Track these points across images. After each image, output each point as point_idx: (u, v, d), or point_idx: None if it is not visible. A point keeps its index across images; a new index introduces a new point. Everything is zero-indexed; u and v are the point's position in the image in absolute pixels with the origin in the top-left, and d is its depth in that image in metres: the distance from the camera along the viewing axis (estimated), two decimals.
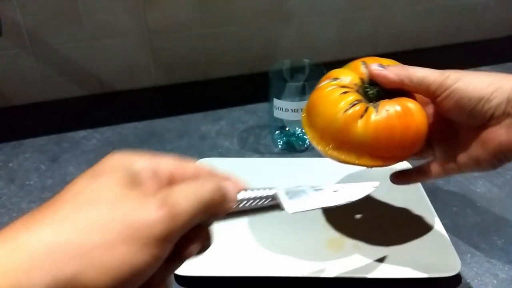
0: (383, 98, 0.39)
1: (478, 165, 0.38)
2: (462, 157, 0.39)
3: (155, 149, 0.67)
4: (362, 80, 0.41)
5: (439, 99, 0.38)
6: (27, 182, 0.61)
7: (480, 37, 1.00)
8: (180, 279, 0.45)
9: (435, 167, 0.41)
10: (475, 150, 0.38)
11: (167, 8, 0.78)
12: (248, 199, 0.28)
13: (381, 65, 0.40)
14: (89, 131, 0.72)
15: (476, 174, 0.37)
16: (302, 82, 0.60)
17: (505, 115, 0.36)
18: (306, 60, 0.64)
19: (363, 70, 0.41)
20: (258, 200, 0.28)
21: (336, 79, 0.41)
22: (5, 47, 0.74)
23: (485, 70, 0.89)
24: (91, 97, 0.82)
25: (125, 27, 0.78)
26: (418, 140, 0.39)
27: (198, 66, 0.85)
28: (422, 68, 0.39)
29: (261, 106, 0.76)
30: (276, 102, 0.61)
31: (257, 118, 0.74)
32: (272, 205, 0.29)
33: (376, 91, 0.39)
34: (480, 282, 0.46)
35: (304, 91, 0.59)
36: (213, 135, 0.69)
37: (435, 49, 0.97)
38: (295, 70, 0.65)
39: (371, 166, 0.39)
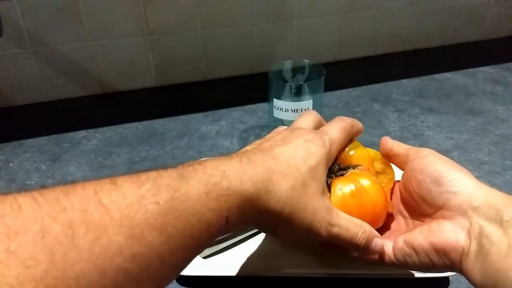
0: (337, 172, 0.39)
1: (412, 255, 0.34)
2: (400, 240, 0.36)
3: (155, 149, 0.67)
4: None
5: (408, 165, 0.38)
6: (28, 182, 0.62)
7: (480, 37, 1.00)
8: (180, 279, 0.45)
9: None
10: (417, 235, 0.34)
11: (167, 8, 0.78)
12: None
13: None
14: (90, 131, 0.72)
15: (476, 174, 0.36)
16: (302, 82, 0.60)
17: (459, 211, 0.33)
18: (306, 60, 0.64)
19: None
20: None
21: None
22: (5, 47, 0.74)
23: (484, 70, 0.90)
24: (91, 97, 0.82)
25: (125, 27, 0.78)
26: (376, 216, 0.38)
27: (198, 66, 0.85)
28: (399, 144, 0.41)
29: (261, 106, 0.76)
30: (276, 102, 0.61)
31: (257, 118, 0.74)
32: None
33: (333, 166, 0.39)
34: None
35: (304, 91, 0.60)
36: (213, 135, 0.70)
37: (435, 49, 0.97)
38: (295, 70, 0.65)
39: None
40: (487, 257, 0.30)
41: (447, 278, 0.45)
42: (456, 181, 0.34)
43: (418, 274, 0.43)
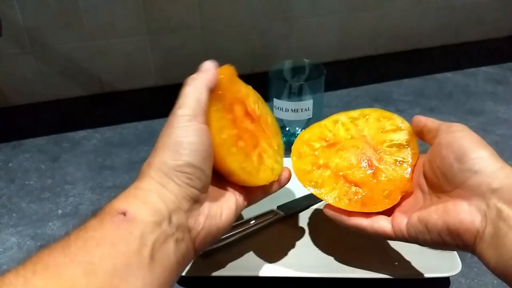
0: None
1: (424, 233, 0.34)
2: (414, 217, 0.35)
3: None
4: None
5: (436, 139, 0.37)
6: (27, 182, 0.61)
7: (481, 37, 1.00)
8: (180, 279, 0.45)
9: (385, 221, 0.38)
10: (432, 214, 0.34)
11: (167, 8, 0.78)
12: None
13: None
14: (89, 131, 0.72)
15: None
16: (302, 82, 0.60)
17: (477, 192, 0.32)
18: (306, 60, 0.64)
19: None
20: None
21: None
22: (5, 47, 0.74)
23: (485, 70, 0.90)
24: (91, 97, 0.82)
25: (125, 27, 0.78)
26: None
27: (198, 66, 0.85)
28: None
29: None
30: (276, 102, 0.61)
31: None
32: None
33: None
34: (480, 282, 0.46)
35: (305, 91, 0.59)
36: None
37: (435, 49, 0.97)
38: (295, 70, 0.65)
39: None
40: (504, 241, 0.29)
41: (447, 278, 0.45)
42: (479, 159, 0.33)
43: (418, 275, 0.43)
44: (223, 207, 0.35)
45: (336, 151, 0.43)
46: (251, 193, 0.39)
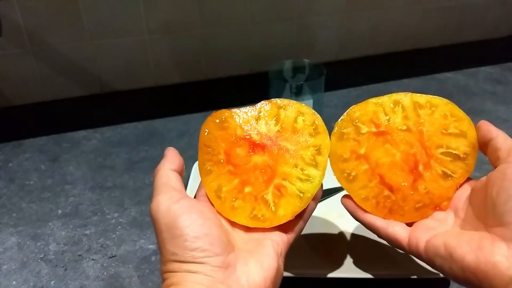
0: None
1: (445, 259, 0.31)
2: (440, 238, 0.33)
3: (155, 149, 0.67)
4: None
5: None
6: (27, 182, 0.61)
7: (480, 37, 1.00)
8: None
9: (402, 229, 0.36)
10: (463, 244, 0.31)
11: (167, 8, 0.78)
12: None
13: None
14: (89, 131, 0.72)
15: (477, 174, 0.36)
16: (302, 82, 0.60)
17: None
18: (306, 60, 0.64)
19: None
20: None
21: None
22: (5, 47, 0.74)
23: (485, 70, 0.90)
24: (91, 97, 0.82)
25: (125, 27, 0.78)
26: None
27: (198, 66, 0.85)
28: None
29: None
30: None
31: None
32: None
33: None
34: None
35: (305, 91, 0.59)
36: None
37: (435, 49, 0.97)
38: (295, 70, 0.65)
39: None
40: None
41: (447, 278, 0.45)
42: None
43: (418, 275, 0.43)
44: (261, 256, 0.32)
45: (382, 143, 0.37)
46: (288, 226, 0.36)
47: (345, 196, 0.38)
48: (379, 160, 0.37)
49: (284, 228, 0.35)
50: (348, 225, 0.50)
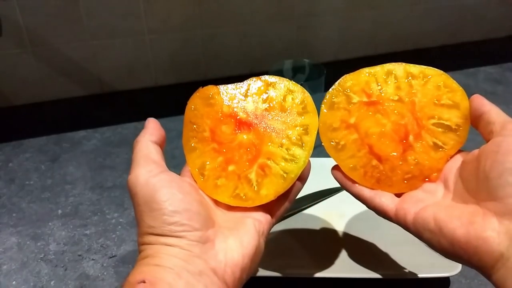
0: None
1: (434, 233, 0.31)
2: (429, 211, 0.32)
3: None
4: None
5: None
6: (27, 182, 0.61)
7: (480, 37, 1.00)
8: None
9: (389, 199, 0.35)
10: (454, 219, 0.30)
11: (167, 8, 0.78)
12: None
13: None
14: (89, 131, 0.72)
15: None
16: (302, 82, 0.60)
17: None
18: (306, 60, 0.64)
19: None
20: None
21: None
22: (5, 47, 0.74)
23: (485, 70, 0.90)
24: (91, 97, 0.82)
25: (125, 27, 0.78)
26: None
27: (198, 66, 0.85)
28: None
29: None
30: None
31: None
32: None
33: None
34: (480, 282, 0.46)
35: None
36: None
37: (435, 49, 0.97)
38: (295, 70, 0.65)
39: None
40: None
41: (447, 278, 0.45)
42: None
43: (418, 275, 0.43)
44: (241, 234, 0.32)
45: (373, 113, 0.37)
46: (271, 206, 0.35)
47: (334, 166, 0.38)
48: (369, 130, 0.37)
49: (268, 207, 0.35)
50: (348, 225, 0.50)
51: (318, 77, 0.61)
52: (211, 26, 0.82)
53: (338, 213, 0.51)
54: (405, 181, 0.35)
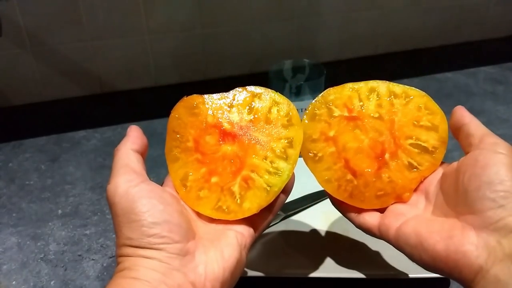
0: None
1: (415, 248, 0.31)
2: (410, 226, 0.32)
3: (155, 149, 0.67)
4: None
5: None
6: (27, 182, 0.61)
7: (480, 37, 1.00)
8: None
9: (372, 217, 0.36)
10: (434, 234, 0.30)
11: (167, 8, 0.78)
12: None
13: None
14: (89, 131, 0.72)
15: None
16: (302, 82, 0.60)
17: (493, 227, 0.28)
18: (306, 60, 0.64)
19: None
20: None
21: None
22: (5, 47, 0.74)
23: (485, 70, 0.90)
24: (91, 97, 0.82)
25: (125, 27, 0.78)
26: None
27: (198, 66, 0.85)
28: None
29: None
30: None
31: None
32: None
33: None
34: None
35: (304, 91, 0.59)
36: None
37: (435, 49, 0.97)
38: (295, 70, 0.65)
39: None
40: None
41: (447, 278, 0.45)
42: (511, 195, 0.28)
43: (418, 275, 0.43)
44: (222, 246, 0.32)
45: (352, 128, 0.37)
46: (254, 218, 0.35)
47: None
48: (346, 144, 0.37)
49: (250, 220, 0.35)
50: (347, 226, 0.50)
51: (318, 77, 0.61)
52: (211, 26, 0.82)
53: (337, 214, 0.51)
54: (377, 198, 0.36)
